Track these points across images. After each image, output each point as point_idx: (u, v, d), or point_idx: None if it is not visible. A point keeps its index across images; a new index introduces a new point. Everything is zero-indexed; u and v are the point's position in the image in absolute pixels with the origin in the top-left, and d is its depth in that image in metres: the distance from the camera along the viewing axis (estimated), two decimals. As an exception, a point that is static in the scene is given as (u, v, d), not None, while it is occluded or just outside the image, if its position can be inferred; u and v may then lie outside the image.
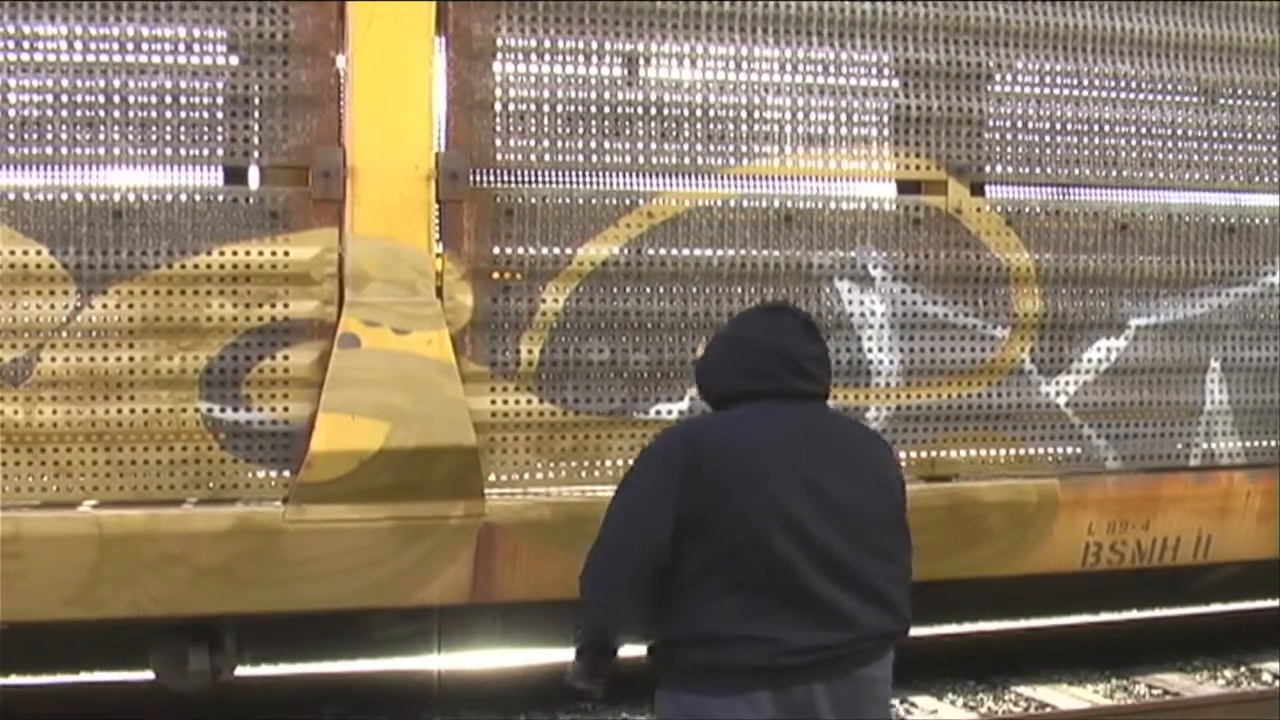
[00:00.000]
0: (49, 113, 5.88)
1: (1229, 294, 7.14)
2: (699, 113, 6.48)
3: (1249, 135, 7.20)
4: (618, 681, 4.48)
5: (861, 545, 4.14)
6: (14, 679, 7.75)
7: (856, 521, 4.14)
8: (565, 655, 4.43)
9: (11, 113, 5.87)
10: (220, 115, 6.03)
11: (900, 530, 4.36)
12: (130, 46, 5.94)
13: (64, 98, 5.89)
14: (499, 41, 6.24)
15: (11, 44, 5.88)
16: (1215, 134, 7.15)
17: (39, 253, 5.81)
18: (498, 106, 6.23)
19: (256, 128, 6.05)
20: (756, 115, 6.54)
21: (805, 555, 4.04)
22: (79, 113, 5.90)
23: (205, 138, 6.02)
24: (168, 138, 5.97)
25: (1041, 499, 6.78)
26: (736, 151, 6.52)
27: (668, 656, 4.18)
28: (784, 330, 4.25)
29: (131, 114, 5.94)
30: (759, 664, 4.00)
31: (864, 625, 4.10)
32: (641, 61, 6.42)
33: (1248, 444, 7.23)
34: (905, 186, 6.81)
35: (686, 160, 6.46)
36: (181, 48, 5.98)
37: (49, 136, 5.88)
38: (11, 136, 5.87)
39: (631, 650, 4.33)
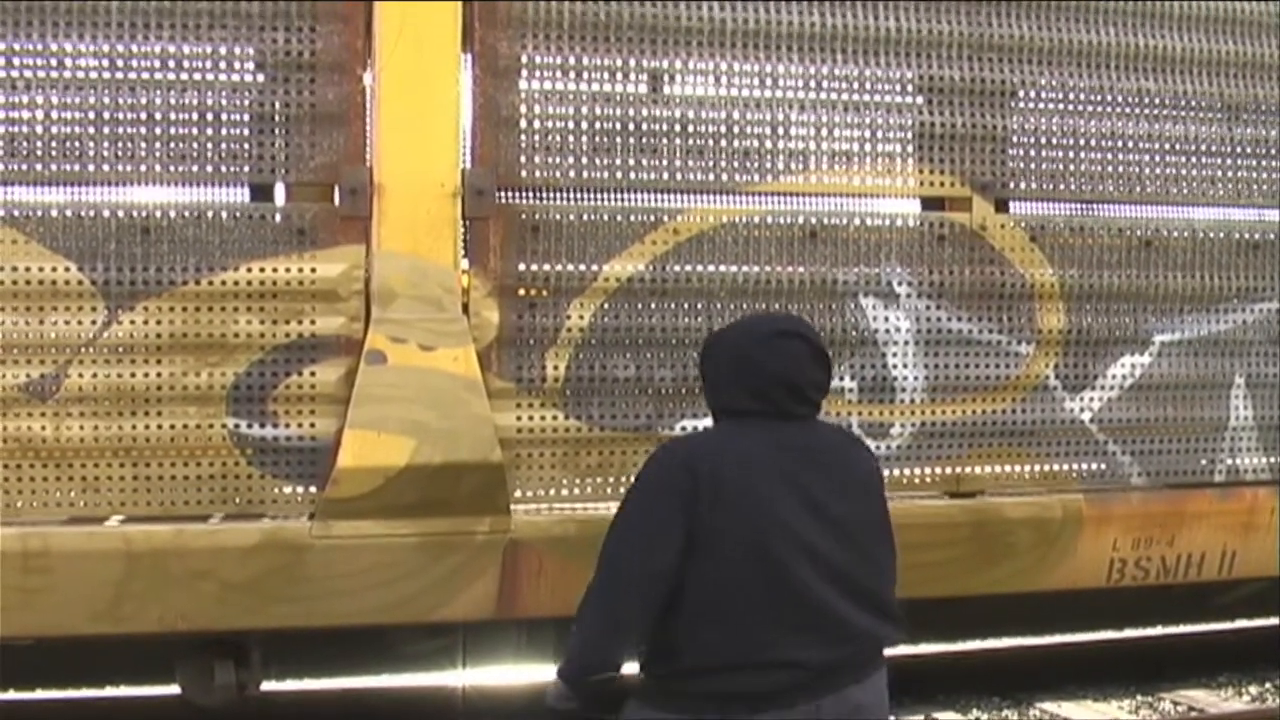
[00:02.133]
0: (77, 130, 5.91)
1: (1253, 310, 7.13)
2: (724, 129, 6.48)
3: (1273, 151, 7.19)
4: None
5: (860, 556, 4.16)
6: (40, 693, 7.78)
7: (854, 533, 4.16)
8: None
9: (40, 130, 5.90)
10: (248, 133, 6.06)
11: (887, 536, 4.34)
12: (158, 64, 5.97)
13: (92, 115, 5.92)
14: (525, 59, 6.26)
15: (40, 61, 5.91)
16: (1239, 150, 7.14)
17: (68, 269, 5.84)
18: (523, 124, 6.25)
19: (284, 145, 6.07)
20: (782, 132, 6.55)
21: (812, 571, 4.04)
22: (107, 130, 5.93)
23: (233, 155, 6.04)
24: (196, 155, 6.00)
25: (1066, 515, 6.76)
26: (762, 168, 6.52)
27: (661, 679, 4.16)
28: (795, 359, 4.23)
29: (159, 131, 5.97)
30: (769, 689, 4.00)
31: (868, 635, 4.13)
32: (667, 79, 6.43)
33: (1272, 460, 7.20)
34: (929, 203, 6.81)
35: (712, 177, 6.47)
36: (210, 66, 6.01)
37: (78, 154, 5.91)
38: (40, 154, 5.90)
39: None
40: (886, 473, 6.37)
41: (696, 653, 4.06)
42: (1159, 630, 9.33)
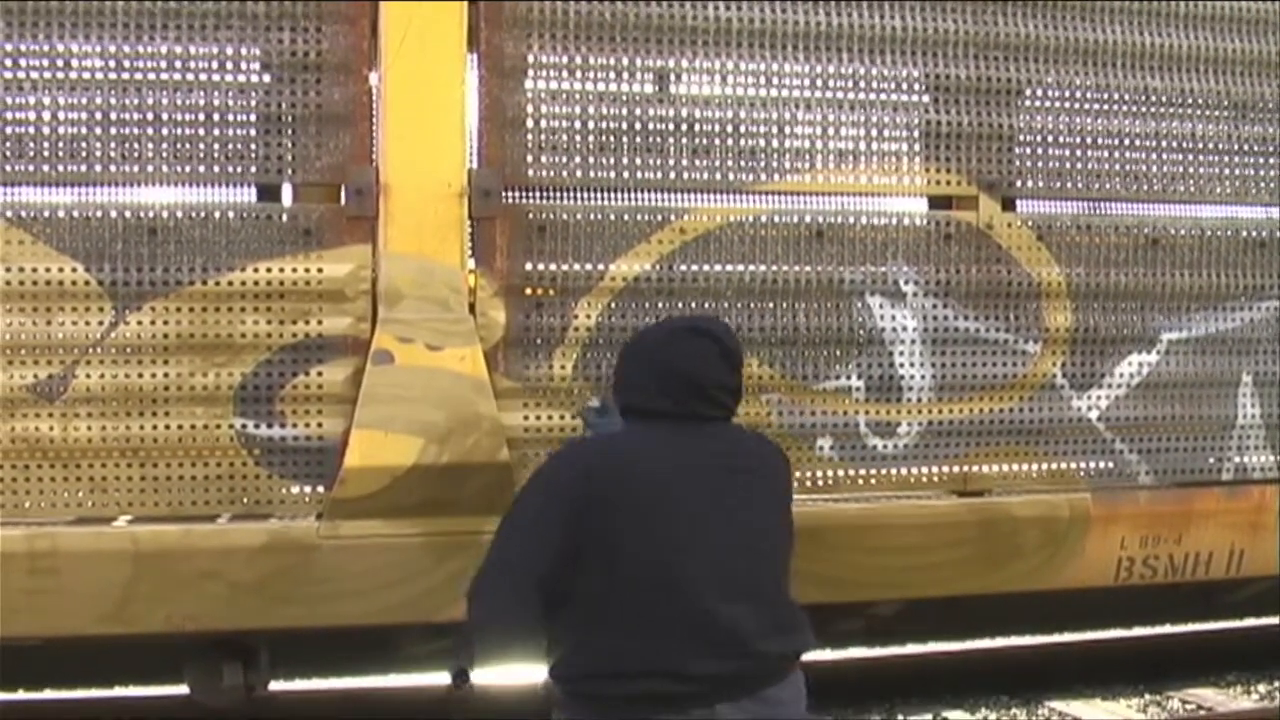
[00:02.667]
0: (84, 130, 5.91)
1: (1261, 308, 7.11)
2: (731, 129, 6.47)
3: (1280, 149, 7.19)
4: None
5: (763, 566, 4.18)
6: (48, 694, 7.79)
7: (757, 543, 4.17)
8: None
9: (47, 130, 5.91)
10: (254, 133, 6.06)
11: (789, 545, 4.35)
12: (165, 65, 5.97)
13: (99, 116, 5.92)
14: (531, 59, 6.25)
15: (46, 62, 5.92)
16: (1246, 148, 7.13)
17: (74, 270, 5.85)
18: (530, 124, 6.24)
19: (290, 145, 6.07)
20: (788, 131, 6.54)
21: (710, 582, 4.03)
22: (114, 130, 5.93)
23: (239, 156, 6.04)
24: (202, 155, 6.00)
25: (1074, 514, 6.74)
26: (768, 167, 6.51)
27: (570, 684, 4.16)
28: (700, 358, 4.23)
29: (166, 132, 5.97)
30: (660, 693, 3.98)
31: (766, 648, 4.10)
32: (673, 78, 6.43)
33: (1280, 458, 7.20)
34: (936, 202, 6.80)
35: (719, 176, 6.46)
36: (216, 66, 6.01)
37: (84, 155, 5.92)
38: (47, 155, 5.90)
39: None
40: (893, 471, 6.48)
41: (592, 657, 4.05)
42: (1167, 629, 9.33)
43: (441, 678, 7.85)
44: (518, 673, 4.13)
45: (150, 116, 5.96)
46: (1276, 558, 7.11)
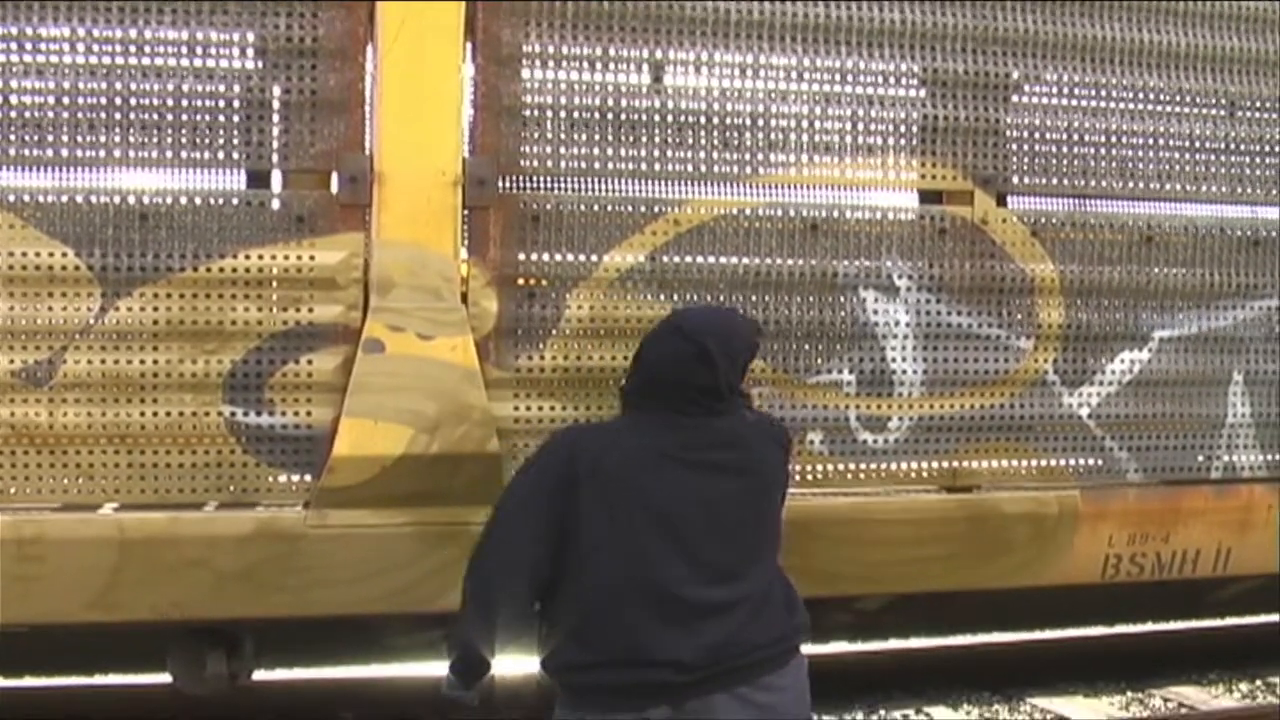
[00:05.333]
0: (75, 115, 5.86)
1: (1252, 307, 7.11)
2: (726, 120, 6.45)
3: (1274, 148, 7.17)
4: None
5: (746, 555, 4.21)
6: (30, 681, 7.75)
7: (738, 531, 4.20)
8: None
9: (38, 114, 5.85)
10: (249, 119, 6.00)
11: (777, 535, 4.40)
12: (158, 50, 5.93)
13: (91, 100, 5.87)
14: (527, 48, 6.21)
15: (39, 46, 5.86)
16: (1240, 146, 7.12)
17: (64, 255, 5.80)
18: (525, 113, 6.20)
19: (284, 132, 6.03)
20: (783, 124, 6.52)
21: (692, 570, 4.08)
22: (105, 115, 5.88)
23: (232, 141, 5.99)
24: (195, 141, 5.95)
25: (1063, 511, 6.75)
26: (764, 160, 6.49)
27: (559, 675, 4.18)
28: (675, 361, 4.27)
29: (158, 117, 5.92)
30: (654, 682, 4.00)
31: (754, 634, 4.13)
32: (669, 68, 6.40)
33: (1269, 457, 7.19)
34: (931, 196, 6.78)
35: (714, 168, 6.43)
36: (211, 51, 5.97)
37: (76, 139, 5.86)
38: (39, 139, 5.85)
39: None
40: (883, 466, 6.45)
41: (580, 647, 4.10)
42: (1150, 627, 9.34)
43: (426, 668, 7.84)
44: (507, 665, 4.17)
45: (143, 101, 5.91)
46: (1263, 556, 7.12)
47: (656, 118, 6.37)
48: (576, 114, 6.28)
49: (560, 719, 4.20)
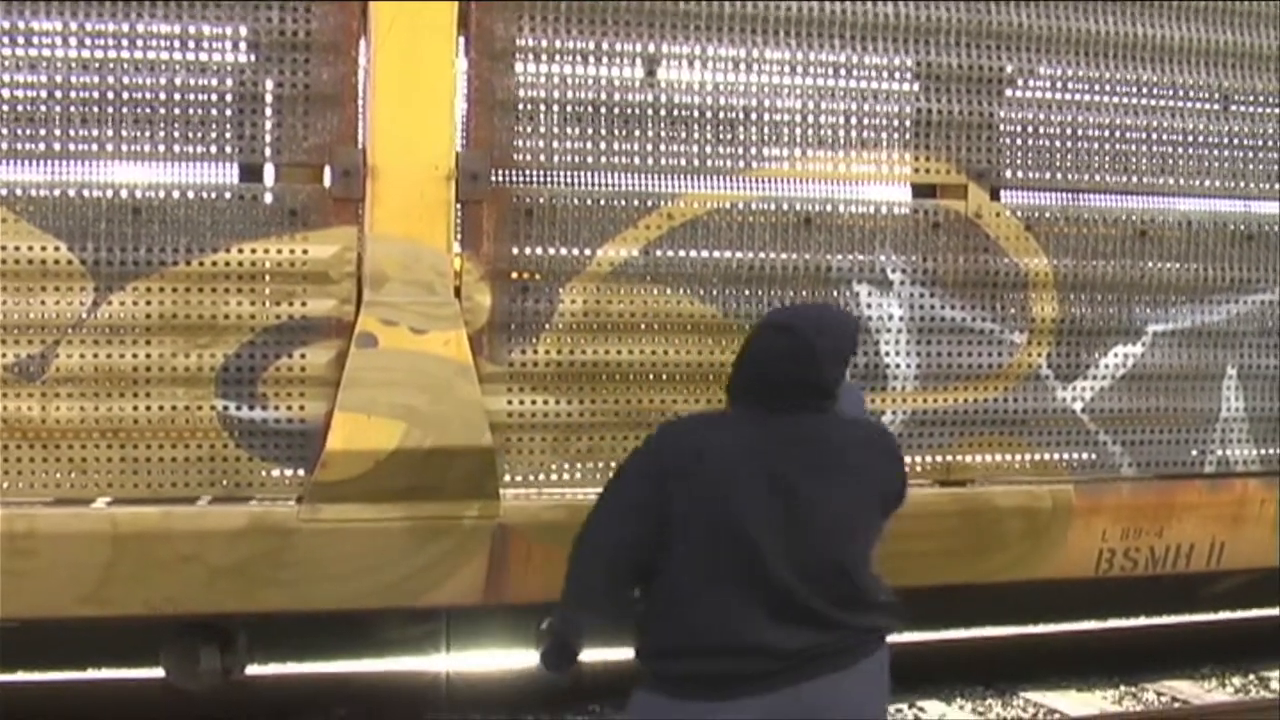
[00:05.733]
0: (67, 108, 5.83)
1: (1246, 301, 7.10)
2: (719, 115, 6.43)
3: (1269, 143, 7.16)
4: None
5: (842, 547, 4.25)
6: (22, 675, 7.73)
7: (835, 525, 4.22)
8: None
9: (31, 108, 5.83)
10: (241, 113, 5.98)
11: (876, 531, 4.43)
12: (151, 43, 5.90)
13: (82, 93, 5.85)
14: (521, 42, 6.19)
15: (31, 39, 5.84)
16: (1234, 141, 7.10)
17: (57, 249, 5.78)
18: (519, 107, 6.18)
19: (277, 125, 6.01)
20: (777, 118, 6.50)
21: (785, 559, 4.11)
22: (98, 109, 5.86)
23: (225, 135, 5.96)
24: (188, 135, 5.93)
25: (1057, 505, 6.75)
26: (757, 154, 6.48)
27: (654, 663, 4.21)
28: (773, 355, 4.33)
29: (151, 111, 5.90)
30: (747, 671, 4.03)
31: (846, 624, 4.17)
32: (663, 63, 6.38)
33: (1263, 452, 7.19)
34: (925, 190, 6.77)
35: (707, 162, 6.42)
36: (204, 45, 5.94)
37: (68, 133, 5.84)
38: (31, 132, 5.83)
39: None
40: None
41: (674, 634, 4.16)
42: (1143, 621, 9.35)
43: (419, 662, 7.85)
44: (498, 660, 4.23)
45: (135, 95, 5.88)
46: (1257, 550, 7.12)
47: (650, 112, 6.35)
48: (570, 108, 6.26)
49: (642, 710, 4.24)
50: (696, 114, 6.41)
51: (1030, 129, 6.83)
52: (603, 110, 6.30)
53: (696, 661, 4.10)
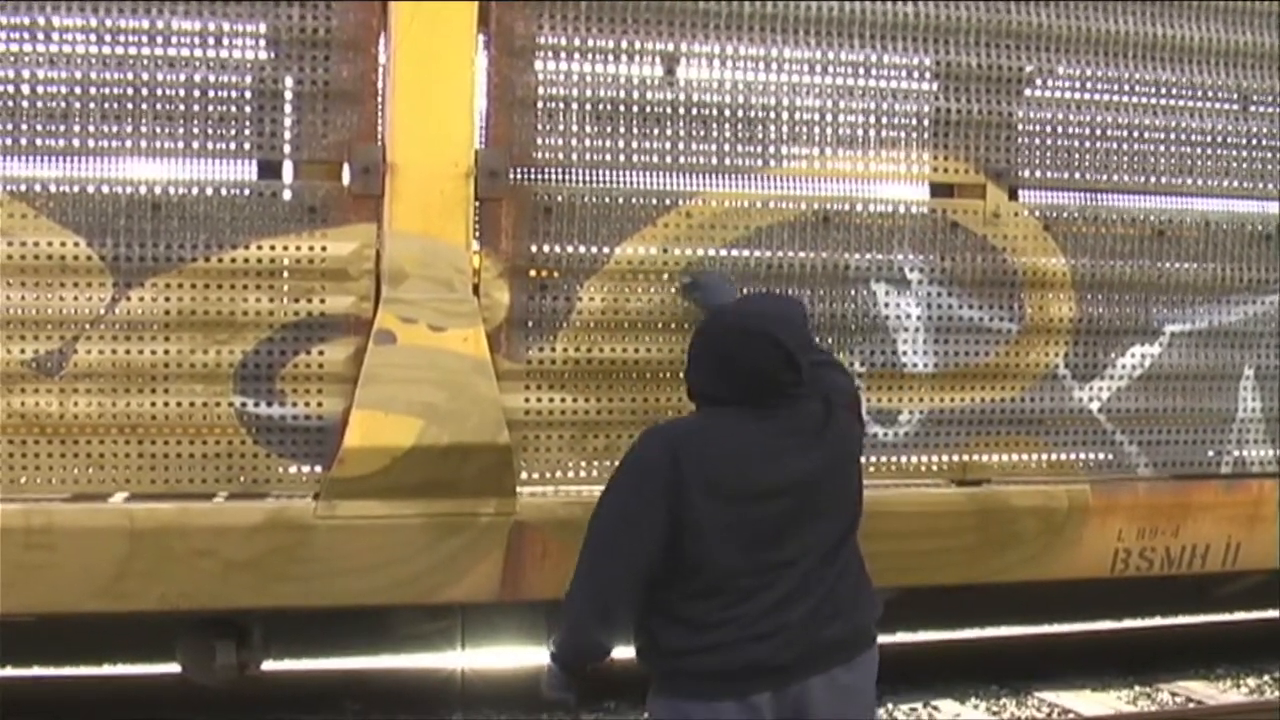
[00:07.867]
0: (90, 106, 5.84)
1: (1264, 302, 7.09)
2: (738, 113, 6.42)
3: (1288, 143, 7.16)
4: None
5: (844, 531, 4.34)
6: (39, 670, 7.75)
7: (833, 511, 4.31)
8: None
9: (51, 104, 5.84)
10: (261, 109, 5.98)
11: (859, 509, 4.48)
12: (172, 40, 5.91)
13: (103, 90, 5.85)
14: (541, 39, 6.19)
15: (51, 35, 5.84)
16: (1254, 141, 7.09)
17: (77, 244, 5.79)
18: (538, 105, 6.18)
19: (297, 122, 6.02)
20: (796, 117, 6.49)
21: (797, 550, 4.17)
22: (118, 105, 5.87)
23: (245, 132, 5.96)
24: (208, 132, 5.93)
25: (1072, 504, 6.74)
26: (776, 153, 6.46)
27: (660, 662, 4.21)
28: (768, 360, 4.31)
29: (171, 108, 5.90)
30: (761, 662, 4.05)
31: (858, 615, 4.19)
32: (682, 61, 6.37)
33: (1279, 452, 7.18)
34: (943, 190, 6.76)
35: (726, 161, 6.41)
36: (224, 42, 5.95)
37: (88, 130, 5.85)
38: (51, 128, 5.83)
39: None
40: (893, 459, 6.45)
41: (687, 633, 4.15)
42: (1158, 621, 9.34)
43: (433, 659, 7.86)
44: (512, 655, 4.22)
45: (156, 92, 5.89)
46: (1273, 551, 7.11)
47: (669, 110, 6.34)
48: (589, 106, 6.25)
49: (656, 710, 4.26)
50: (716, 112, 6.39)
51: (1049, 129, 6.81)
52: (622, 108, 6.29)
53: (710, 657, 4.12)
